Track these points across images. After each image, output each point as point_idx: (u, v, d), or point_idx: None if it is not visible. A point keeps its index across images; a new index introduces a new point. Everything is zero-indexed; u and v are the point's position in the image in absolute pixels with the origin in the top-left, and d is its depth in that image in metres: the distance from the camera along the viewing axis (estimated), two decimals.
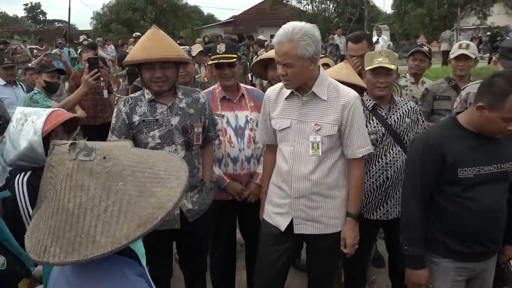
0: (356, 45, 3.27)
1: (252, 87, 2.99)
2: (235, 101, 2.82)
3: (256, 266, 2.48)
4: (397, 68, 2.67)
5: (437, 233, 2.08)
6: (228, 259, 3.05)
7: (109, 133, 2.46)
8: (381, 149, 2.57)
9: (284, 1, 27.82)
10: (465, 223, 2.01)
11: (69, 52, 12.63)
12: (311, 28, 2.07)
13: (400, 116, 2.62)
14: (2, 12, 67.23)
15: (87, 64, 3.46)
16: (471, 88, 2.94)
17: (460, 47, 3.47)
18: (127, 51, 10.69)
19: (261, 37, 11.96)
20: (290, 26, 2.05)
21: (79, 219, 1.01)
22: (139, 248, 1.21)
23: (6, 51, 14.24)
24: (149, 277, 1.20)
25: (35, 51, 13.07)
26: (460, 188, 1.99)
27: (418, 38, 25.53)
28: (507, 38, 16.95)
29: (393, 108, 2.63)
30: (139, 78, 4.59)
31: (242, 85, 2.90)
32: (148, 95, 2.40)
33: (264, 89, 3.39)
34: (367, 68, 2.61)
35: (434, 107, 3.59)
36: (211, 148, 2.69)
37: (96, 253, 0.96)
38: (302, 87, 2.18)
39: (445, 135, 2.03)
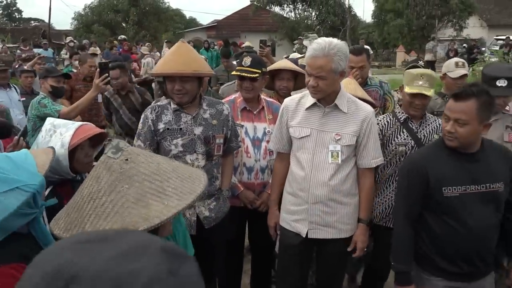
0: (357, 58, 3.35)
1: (273, 100, 3.08)
2: (255, 112, 2.92)
3: (279, 274, 2.60)
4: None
5: (428, 252, 2.10)
6: (235, 263, 3.14)
7: (135, 137, 2.55)
8: None
9: (267, 8, 28.03)
10: (453, 242, 2.01)
11: (53, 53, 12.45)
12: (344, 45, 2.25)
13: (430, 132, 2.68)
14: None
15: (98, 69, 3.52)
16: None
17: (457, 66, 3.52)
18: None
19: (247, 43, 12.05)
20: (325, 41, 2.21)
21: (84, 205, 1.13)
22: None
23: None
24: None
25: (18, 51, 12.82)
26: (447, 208, 2.01)
27: (397, 48, 26.20)
28: (483, 49, 17.57)
29: (423, 123, 2.70)
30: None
31: (263, 97, 3.00)
32: (173, 104, 2.50)
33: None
34: (406, 90, 2.62)
35: None
36: (232, 158, 2.79)
37: None
38: (324, 98, 2.33)
39: (431, 154, 2.09)
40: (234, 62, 6.62)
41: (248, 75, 2.80)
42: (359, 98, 2.66)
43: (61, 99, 4.50)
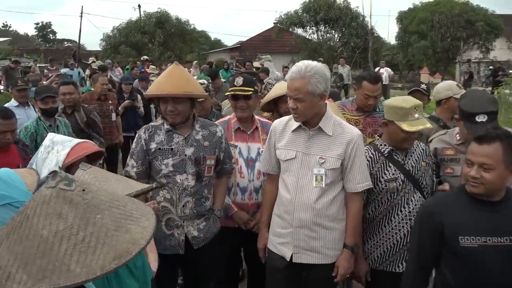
0: (374, 86, 3.21)
1: (267, 121, 3.10)
2: (249, 132, 2.93)
3: None
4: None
5: None
6: (230, 283, 3.11)
7: (128, 157, 2.60)
8: (402, 198, 2.48)
9: (290, 30, 28.33)
10: None
11: (79, 73, 12.88)
12: (322, 68, 2.25)
13: (416, 160, 2.54)
14: (13, 30, 68.62)
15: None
16: (437, 142, 2.75)
17: (460, 87, 3.45)
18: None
19: (256, 63, 12.15)
20: (303, 64, 2.24)
21: (54, 247, 1.00)
22: (89, 285, 1.20)
23: (18, 68, 14.56)
24: None
25: (45, 70, 13.36)
26: (463, 259, 1.83)
27: (421, 69, 25.93)
28: (510, 71, 17.11)
29: (408, 152, 2.54)
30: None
31: (256, 117, 3.02)
32: (166, 125, 2.54)
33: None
34: (406, 128, 2.41)
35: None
36: (226, 180, 2.79)
37: (69, 282, 0.96)
38: (309, 121, 2.32)
39: (447, 201, 1.94)
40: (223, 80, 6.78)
41: (242, 93, 2.83)
42: None
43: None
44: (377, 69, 16.09)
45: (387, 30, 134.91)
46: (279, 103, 3.27)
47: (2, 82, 14.20)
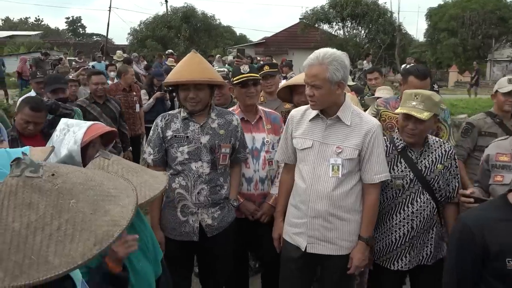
0: (421, 82, 2.89)
1: (270, 110, 3.08)
2: (253, 123, 2.91)
3: (280, 286, 2.54)
4: (436, 114, 2.39)
5: None
6: (240, 274, 3.11)
7: (146, 144, 2.64)
8: (408, 197, 2.39)
9: (316, 25, 28.10)
10: None
11: (106, 66, 13.12)
12: (342, 55, 2.21)
13: (432, 161, 2.40)
14: (45, 24, 70.50)
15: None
16: (492, 148, 2.51)
17: (509, 82, 3.22)
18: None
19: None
20: (322, 51, 2.20)
21: (28, 240, 0.94)
22: (75, 273, 1.17)
23: (47, 61, 14.97)
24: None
25: (73, 63, 13.68)
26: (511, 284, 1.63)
27: (450, 68, 25.30)
28: None
29: (425, 151, 2.42)
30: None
31: (260, 107, 3.01)
32: (183, 113, 2.57)
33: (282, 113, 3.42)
34: (397, 111, 2.43)
35: (478, 143, 3.26)
36: (239, 169, 2.79)
37: (49, 274, 0.90)
38: (327, 110, 2.29)
39: (490, 218, 1.69)
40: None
41: (252, 78, 2.83)
42: None
43: None
44: (403, 66, 15.79)
45: (416, 27, 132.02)
46: (294, 93, 3.24)
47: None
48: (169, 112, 2.71)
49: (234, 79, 2.91)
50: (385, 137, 2.51)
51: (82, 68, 6.67)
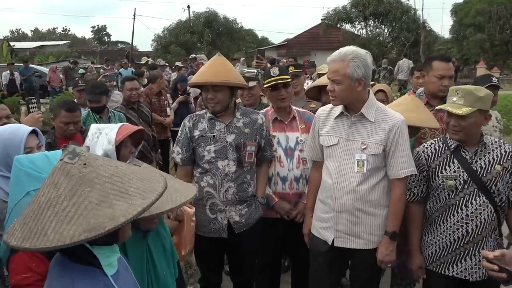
0: (447, 64, 2.92)
1: (304, 110, 3.12)
2: (286, 122, 2.97)
3: (309, 281, 2.60)
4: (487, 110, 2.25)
5: None
6: (272, 272, 3.16)
7: (175, 144, 2.76)
8: (462, 199, 2.26)
9: (338, 26, 27.93)
10: None
11: (132, 72, 13.44)
12: (364, 53, 2.26)
13: (489, 161, 2.25)
14: (72, 34, 72.47)
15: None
16: None
17: None
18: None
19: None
20: (345, 48, 2.28)
21: (43, 212, 1.09)
22: (106, 257, 1.24)
23: (76, 69, 15.43)
24: (114, 285, 1.24)
25: (101, 70, 14.07)
26: None
27: (478, 64, 24.68)
28: None
29: (480, 151, 2.27)
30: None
31: (294, 107, 3.05)
32: (209, 113, 2.67)
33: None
34: (441, 106, 2.37)
35: None
36: (267, 167, 2.86)
37: (43, 245, 1.04)
38: (351, 107, 2.34)
39: None
40: None
41: (282, 81, 2.87)
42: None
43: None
44: (424, 64, 15.42)
45: (441, 24, 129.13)
46: (323, 93, 3.30)
47: (62, 81, 15.10)
48: (197, 112, 2.82)
49: (265, 82, 2.98)
50: (437, 138, 2.45)
51: (103, 75, 6.82)
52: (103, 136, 2.23)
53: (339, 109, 2.38)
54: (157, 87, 6.13)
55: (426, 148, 2.40)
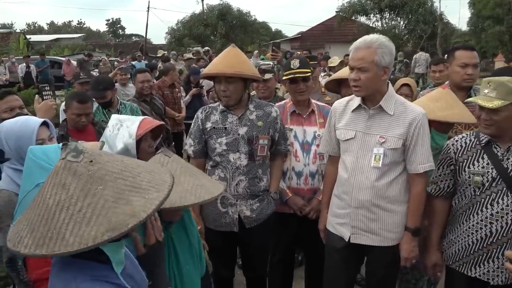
0: (471, 52, 2.85)
1: (324, 104, 3.05)
2: (304, 116, 2.90)
3: (324, 277, 2.55)
4: None
5: None
6: (285, 268, 3.12)
7: (187, 136, 2.72)
8: (488, 197, 2.14)
9: (353, 18, 27.56)
10: None
11: (145, 64, 13.46)
12: (389, 41, 2.20)
13: None
14: (87, 27, 73.07)
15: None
16: None
17: None
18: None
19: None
20: (369, 36, 2.21)
21: (55, 216, 1.04)
22: (115, 253, 1.21)
23: (90, 61, 15.55)
24: (125, 284, 1.20)
25: (116, 63, 14.14)
26: None
27: (496, 57, 24.15)
28: None
29: None
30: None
31: (313, 101, 2.98)
32: (221, 105, 2.62)
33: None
34: (471, 99, 2.25)
35: None
36: (281, 162, 2.79)
37: (63, 250, 0.99)
38: (370, 100, 2.26)
39: None
40: None
41: (301, 75, 2.80)
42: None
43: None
44: (446, 56, 15.18)
45: (458, 16, 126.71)
46: (342, 86, 3.23)
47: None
48: (210, 104, 2.77)
49: (284, 74, 2.92)
50: (469, 133, 2.32)
51: (118, 68, 6.79)
52: (124, 128, 2.20)
53: (356, 102, 2.31)
54: (170, 79, 6.11)
55: (456, 141, 2.27)
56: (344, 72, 3.31)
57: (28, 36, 32.62)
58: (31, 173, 1.64)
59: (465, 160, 2.21)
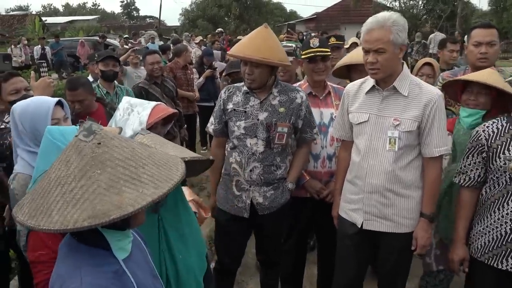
0: (486, 30, 2.75)
1: (339, 86, 2.94)
2: (321, 98, 2.81)
3: (336, 263, 2.51)
4: None
5: None
6: (298, 253, 3.09)
7: (212, 115, 2.65)
8: None
9: None
10: None
11: (159, 46, 13.39)
12: (401, 17, 2.10)
13: None
14: (101, 9, 73.09)
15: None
16: None
17: None
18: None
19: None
20: (380, 14, 2.10)
21: (51, 190, 1.04)
22: (117, 240, 1.18)
23: (105, 43, 15.55)
24: (126, 271, 1.18)
25: (129, 44, 14.10)
26: None
27: None
28: None
29: None
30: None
31: (329, 83, 2.89)
32: (245, 87, 2.52)
33: None
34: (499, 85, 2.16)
35: None
36: (306, 151, 2.68)
37: (47, 227, 0.98)
38: (384, 80, 2.17)
39: None
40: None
41: (321, 54, 2.71)
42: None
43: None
44: (466, 37, 14.75)
45: None
46: (353, 72, 3.12)
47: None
48: (235, 84, 2.66)
49: (303, 53, 2.81)
50: (500, 117, 2.17)
51: (131, 49, 6.72)
52: (134, 115, 2.13)
53: (370, 83, 2.22)
54: (183, 60, 6.04)
55: (487, 127, 2.12)
56: (354, 57, 3.15)
57: (43, 18, 32.78)
58: (47, 153, 1.61)
59: (499, 146, 2.06)
